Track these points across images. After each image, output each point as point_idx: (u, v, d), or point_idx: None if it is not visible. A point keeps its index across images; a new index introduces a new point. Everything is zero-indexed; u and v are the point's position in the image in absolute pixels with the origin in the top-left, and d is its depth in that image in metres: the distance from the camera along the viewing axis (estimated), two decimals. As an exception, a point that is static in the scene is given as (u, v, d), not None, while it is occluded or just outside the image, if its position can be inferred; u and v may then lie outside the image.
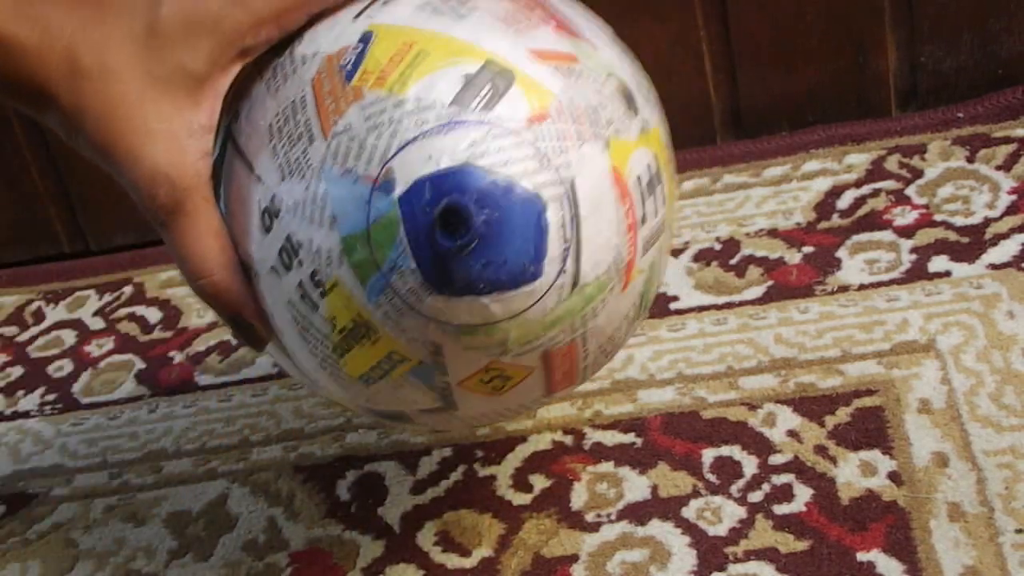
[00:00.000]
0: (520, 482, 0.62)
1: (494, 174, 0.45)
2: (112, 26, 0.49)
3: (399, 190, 0.45)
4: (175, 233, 0.49)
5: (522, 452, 0.64)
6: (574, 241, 0.47)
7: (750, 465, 0.60)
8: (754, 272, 0.73)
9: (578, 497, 0.61)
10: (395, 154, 0.46)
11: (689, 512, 0.58)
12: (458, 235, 0.45)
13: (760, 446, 0.61)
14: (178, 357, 0.81)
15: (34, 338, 0.88)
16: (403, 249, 0.45)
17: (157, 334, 0.84)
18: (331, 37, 0.49)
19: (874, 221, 0.74)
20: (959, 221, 0.72)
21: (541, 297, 0.47)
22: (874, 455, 0.58)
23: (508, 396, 0.50)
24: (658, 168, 0.51)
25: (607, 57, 0.52)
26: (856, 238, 0.73)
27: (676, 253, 0.76)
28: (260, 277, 0.49)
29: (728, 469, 0.60)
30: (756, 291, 0.71)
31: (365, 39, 0.48)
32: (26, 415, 0.79)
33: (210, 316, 0.83)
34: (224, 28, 0.49)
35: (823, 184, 0.79)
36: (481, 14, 0.49)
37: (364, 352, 0.48)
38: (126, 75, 0.49)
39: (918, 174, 0.77)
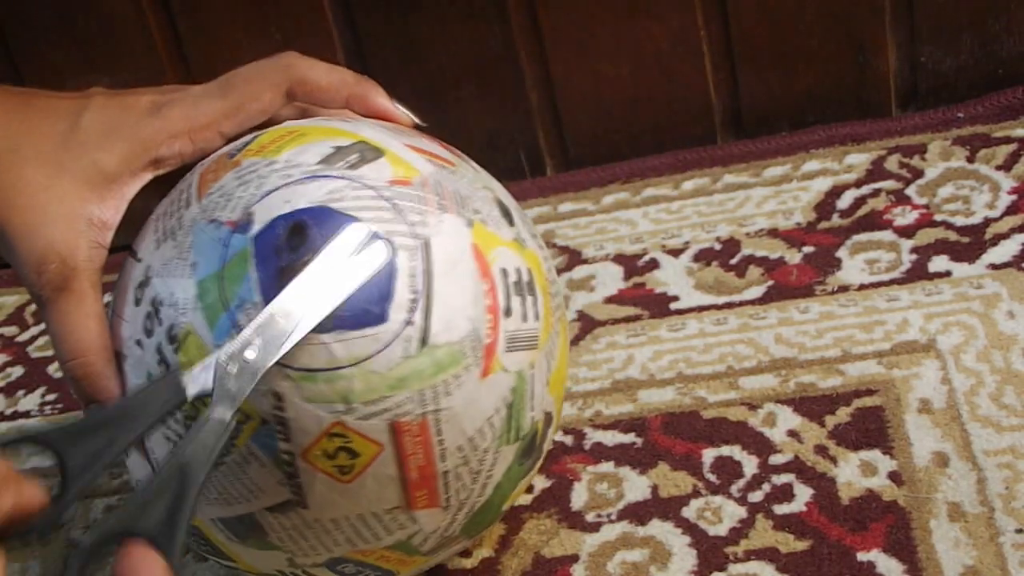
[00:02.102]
0: (520, 482, 0.62)
1: (346, 215, 0.46)
2: (33, 122, 0.52)
3: (255, 229, 0.47)
4: (56, 311, 0.51)
5: (522, 452, 0.64)
6: (424, 295, 0.46)
7: (750, 465, 0.60)
8: (754, 272, 0.73)
9: (578, 497, 0.61)
10: (258, 201, 0.47)
11: (689, 512, 0.58)
12: (298, 251, 0.45)
13: (760, 446, 0.61)
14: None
15: (34, 338, 0.88)
16: (251, 283, 0.46)
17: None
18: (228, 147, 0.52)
19: (874, 221, 0.74)
20: (959, 221, 0.72)
21: (386, 346, 0.46)
22: (874, 455, 0.58)
23: (359, 490, 0.47)
24: (532, 283, 0.51)
25: (487, 180, 0.54)
26: (856, 238, 0.73)
27: (676, 253, 0.76)
28: (127, 358, 0.49)
29: (728, 469, 0.60)
30: (756, 291, 0.71)
31: (256, 136, 0.52)
32: (26, 415, 0.79)
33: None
34: (140, 136, 0.52)
35: (823, 184, 0.79)
36: (374, 124, 0.53)
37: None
38: (36, 162, 0.52)
39: (918, 174, 0.77)
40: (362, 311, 0.46)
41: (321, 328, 0.45)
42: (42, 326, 0.89)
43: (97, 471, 0.45)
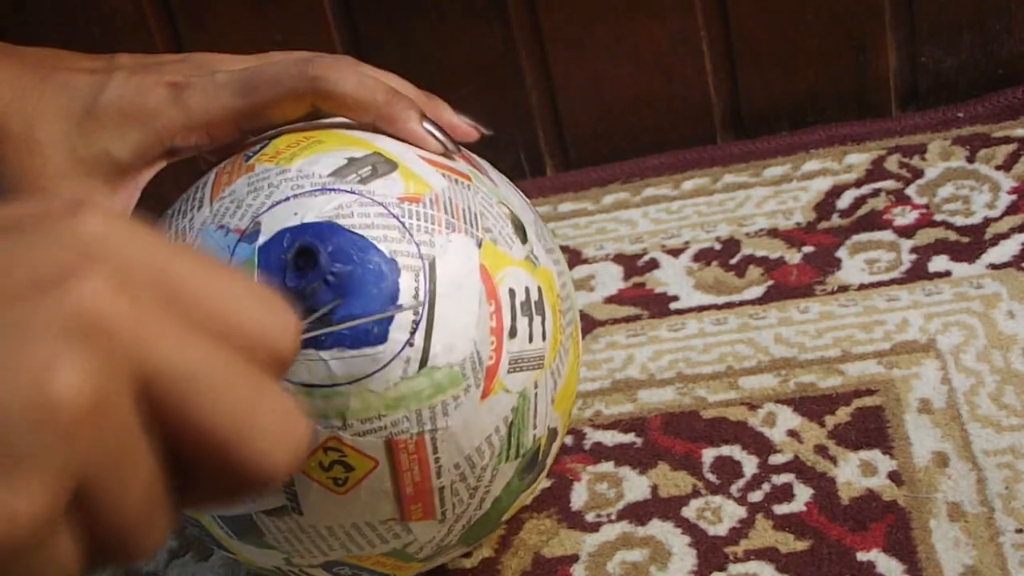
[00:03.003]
0: (520, 482, 0.62)
1: (353, 233, 0.46)
2: (49, 101, 0.51)
3: (261, 240, 0.46)
4: None
5: (522, 452, 0.64)
6: (426, 316, 0.46)
7: (750, 465, 0.60)
8: (754, 272, 0.73)
9: (578, 497, 0.61)
10: (266, 210, 0.47)
11: (689, 512, 0.58)
12: (306, 276, 0.45)
13: (760, 446, 0.61)
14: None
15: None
16: None
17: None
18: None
19: (874, 221, 0.74)
20: (959, 221, 0.72)
21: (384, 365, 0.45)
22: (874, 455, 0.58)
23: (354, 501, 0.47)
24: (541, 302, 0.51)
25: (505, 194, 0.53)
26: (856, 238, 0.73)
27: (676, 253, 0.76)
28: None
29: (728, 469, 0.60)
30: (756, 291, 0.71)
31: (273, 136, 0.52)
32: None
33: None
34: (156, 125, 0.51)
35: (823, 184, 0.79)
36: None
37: None
38: (49, 150, 0.50)
39: (918, 174, 0.77)
40: (362, 330, 0.45)
41: (320, 345, 0.45)
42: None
43: None
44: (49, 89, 0.51)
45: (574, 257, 0.78)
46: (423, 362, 0.46)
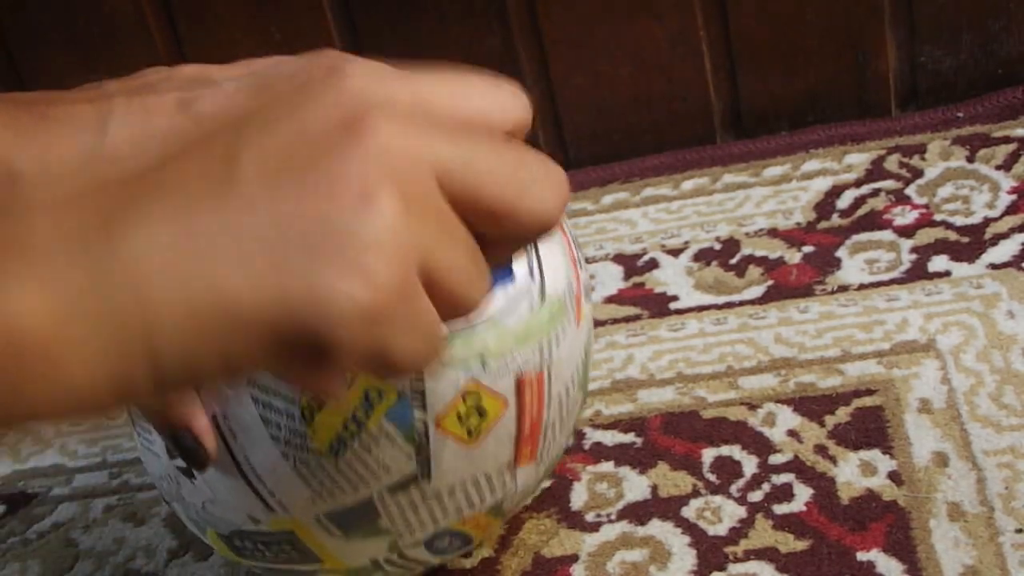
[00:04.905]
0: (520, 482, 0.62)
1: None
2: (55, 138, 0.50)
3: None
4: None
5: (522, 452, 0.64)
6: (535, 252, 0.49)
7: (750, 465, 0.60)
8: (754, 272, 0.73)
9: (578, 497, 0.61)
10: None
11: (689, 512, 0.58)
12: None
13: (760, 446, 0.61)
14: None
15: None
16: None
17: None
18: None
19: (874, 221, 0.74)
20: (959, 221, 0.72)
21: (515, 301, 0.47)
22: (874, 455, 0.58)
23: (481, 451, 0.48)
24: (579, 245, 0.54)
25: None
26: (856, 238, 0.73)
27: (676, 253, 0.76)
28: None
29: (728, 469, 0.60)
30: (756, 291, 0.71)
31: None
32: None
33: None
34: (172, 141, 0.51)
35: (823, 184, 0.79)
36: None
37: (337, 405, 0.46)
38: (67, 180, 0.50)
39: (918, 174, 0.77)
40: (493, 268, 0.47)
41: None
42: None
43: None
44: (53, 125, 0.51)
45: (574, 257, 0.79)
46: (543, 295, 0.48)
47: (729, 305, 0.71)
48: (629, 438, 0.63)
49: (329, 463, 0.47)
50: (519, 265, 0.48)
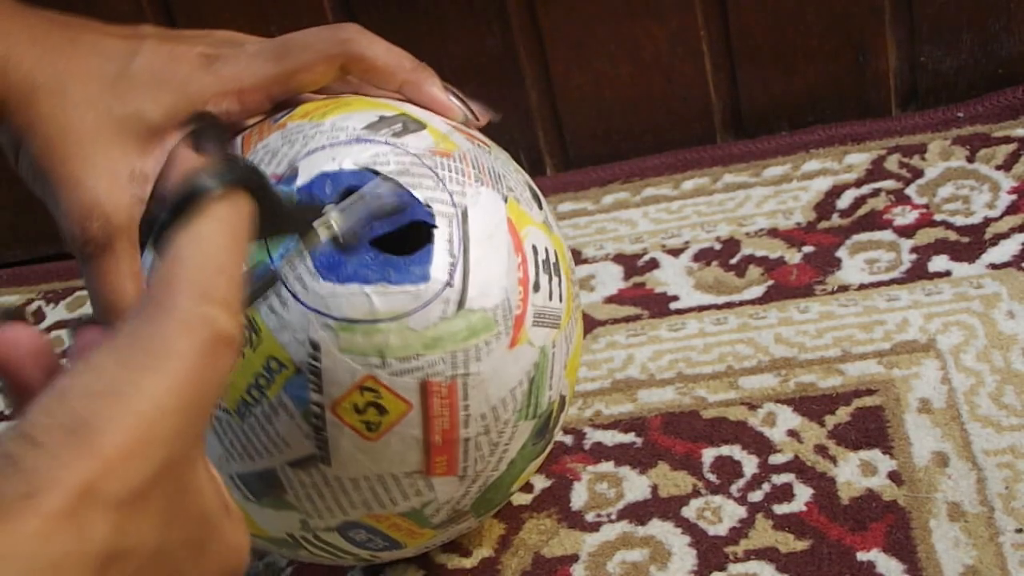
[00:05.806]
0: (520, 482, 0.62)
1: (390, 179, 0.48)
2: (81, 60, 0.51)
3: (301, 181, 0.48)
4: (97, 269, 0.50)
5: (522, 452, 0.64)
6: (461, 261, 0.48)
7: (750, 465, 0.60)
8: (754, 272, 0.73)
9: (578, 497, 0.61)
10: (303, 157, 0.49)
11: (689, 512, 0.58)
12: None
13: (760, 446, 0.61)
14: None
15: (34, 338, 0.88)
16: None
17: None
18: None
19: (874, 221, 0.74)
20: (959, 221, 0.72)
21: (425, 304, 0.47)
22: (874, 455, 0.58)
23: (383, 449, 0.48)
24: (558, 265, 0.53)
25: (519, 168, 0.56)
26: (856, 238, 0.73)
27: (676, 253, 0.76)
28: None
29: (728, 469, 0.60)
30: (756, 291, 0.71)
31: (301, 103, 0.53)
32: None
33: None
34: (189, 90, 0.51)
35: (823, 184, 0.79)
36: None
37: (245, 364, 0.47)
38: (84, 106, 0.51)
39: (918, 174, 0.77)
40: (405, 268, 0.47)
41: (365, 279, 0.46)
42: (42, 326, 0.89)
43: None
44: (81, 49, 0.51)
45: (574, 257, 0.79)
46: (461, 304, 0.48)
47: (729, 305, 0.71)
48: (629, 438, 0.63)
49: (236, 424, 0.48)
50: (437, 269, 0.47)
